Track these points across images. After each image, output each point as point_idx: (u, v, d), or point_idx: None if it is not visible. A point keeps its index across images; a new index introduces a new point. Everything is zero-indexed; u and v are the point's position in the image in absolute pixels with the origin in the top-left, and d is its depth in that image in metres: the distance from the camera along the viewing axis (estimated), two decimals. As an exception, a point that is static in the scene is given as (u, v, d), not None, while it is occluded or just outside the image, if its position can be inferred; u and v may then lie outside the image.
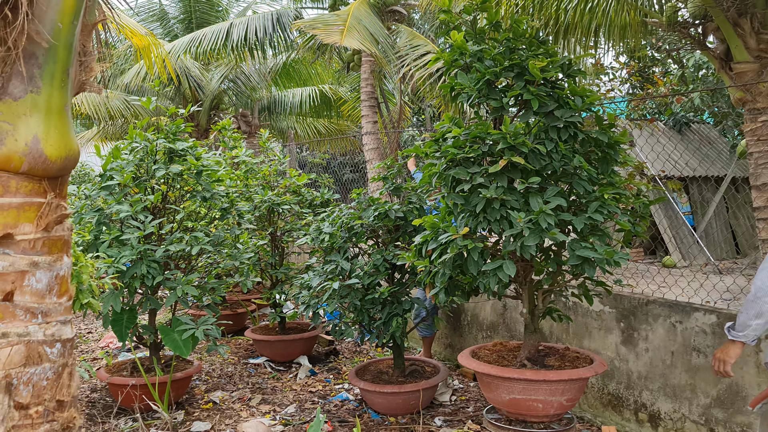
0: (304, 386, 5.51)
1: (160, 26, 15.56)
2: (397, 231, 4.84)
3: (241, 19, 11.62)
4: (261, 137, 6.63)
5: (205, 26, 12.90)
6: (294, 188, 6.32)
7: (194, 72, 14.11)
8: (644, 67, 12.38)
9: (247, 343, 6.88)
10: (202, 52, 11.42)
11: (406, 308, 4.58)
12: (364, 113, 10.89)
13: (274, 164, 6.43)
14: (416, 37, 10.14)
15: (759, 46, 4.87)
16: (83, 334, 7.48)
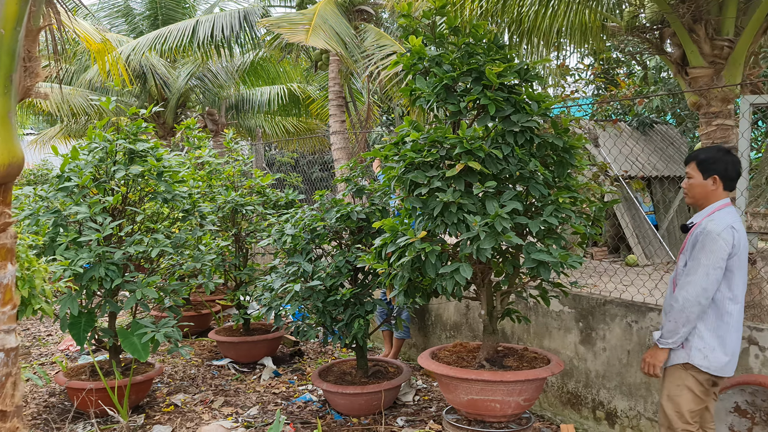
0: (267, 387, 5.49)
1: (125, 22, 15.32)
2: (360, 232, 4.86)
3: (207, 17, 11.50)
4: (226, 137, 6.58)
5: (171, 23, 12.74)
6: (258, 189, 6.29)
7: (160, 69, 13.93)
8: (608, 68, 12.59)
9: (211, 345, 6.83)
10: (168, 49, 11.26)
11: (368, 309, 4.60)
12: (332, 112, 10.87)
13: (239, 164, 6.39)
14: (383, 37, 10.15)
15: (713, 52, 4.98)
16: (42, 337, 7.35)
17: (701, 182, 3.08)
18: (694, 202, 3.16)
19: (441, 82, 3.47)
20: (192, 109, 15.44)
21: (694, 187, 3.11)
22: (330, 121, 11.00)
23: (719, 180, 3.06)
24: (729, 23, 4.89)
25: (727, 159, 3.08)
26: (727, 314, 3.01)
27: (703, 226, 3.00)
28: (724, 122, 5.03)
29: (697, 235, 3.01)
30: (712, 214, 3.04)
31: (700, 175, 3.07)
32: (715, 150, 3.12)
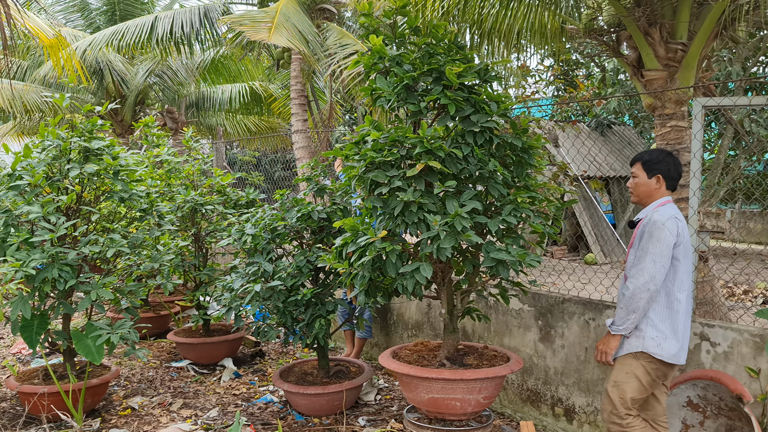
0: (228, 389, 5.43)
1: (81, 17, 14.97)
2: (321, 232, 4.84)
3: (166, 13, 11.30)
4: (185, 135, 6.48)
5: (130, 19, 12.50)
6: (219, 188, 6.21)
7: (118, 66, 13.66)
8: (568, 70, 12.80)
9: (170, 346, 6.72)
10: (126, 46, 11.03)
11: (329, 309, 4.58)
12: (294, 111, 10.80)
13: (198, 163, 6.30)
14: (345, 36, 10.13)
15: (667, 55, 5.11)
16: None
17: (646, 181, 3.26)
18: (639, 200, 3.33)
19: (401, 82, 3.47)
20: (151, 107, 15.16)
21: (639, 186, 3.28)
22: (292, 119, 10.93)
23: (662, 179, 3.23)
24: (683, 27, 5.02)
25: (669, 160, 3.26)
26: (677, 302, 3.14)
27: (648, 218, 3.17)
28: (677, 124, 5.16)
29: (643, 227, 3.16)
30: (656, 209, 3.20)
31: (645, 175, 3.25)
32: (658, 152, 3.30)
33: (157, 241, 5.26)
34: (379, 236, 3.34)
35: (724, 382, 3.37)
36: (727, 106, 4.01)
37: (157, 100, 15.37)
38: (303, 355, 6.39)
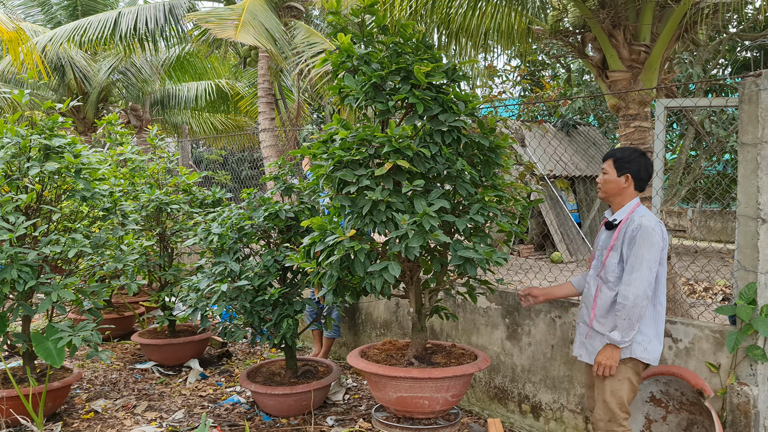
0: (194, 390, 5.36)
1: (41, 12, 14.63)
2: (288, 231, 4.80)
3: (130, 9, 11.10)
4: (150, 133, 6.37)
5: (92, 14, 12.26)
6: (184, 187, 6.12)
7: (80, 62, 13.38)
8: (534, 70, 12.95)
9: (135, 348, 6.61)
10: (88, 41, 10.81)
11: (297, 309, 4.55)
12: (261, 110, 10.73)
13: (163, 162, 6.20)
14: (313, 35, 10.08)
15: (631, 57, 5.20)
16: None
17: (615, 179, 3.24)
18: (607, 197, 3.32)
19: (369, 81, 3.46)
20: (114, 104, 14.89)
21: (608, 183, 3.27)
22: (259, 118, 10.85)
23: (631, 179, 3.22)
24: (645, 29, 5.11)
25: (641, 160, 3.25)
26: (660, 305, 3.20)
27: (637, 223, 3.13)
28: (641, 124, 5.25)
29: (632, 231, 3.12)
30: (634, 211, 3.20)
31: (615, 172, 3.24)
32: (631, 150, 3.29)
33: (120, 241, 5.17)
34: (347, 235, 3.33)
35: (686, 377, 3.44)
36: (689, 107, 4.09)
37: (120, 98, 15.10)
38: (270, 355, 6.35)
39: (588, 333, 3.35)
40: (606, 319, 3.25)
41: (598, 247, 3.39)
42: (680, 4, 4.84)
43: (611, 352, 3.14)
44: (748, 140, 3.34)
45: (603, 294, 3.26)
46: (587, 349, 3.36)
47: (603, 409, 3.23)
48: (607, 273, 3.24)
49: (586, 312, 3.38)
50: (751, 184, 3.33)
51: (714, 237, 17.92)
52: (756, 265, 3.32)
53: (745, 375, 3.35)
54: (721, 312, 3.38)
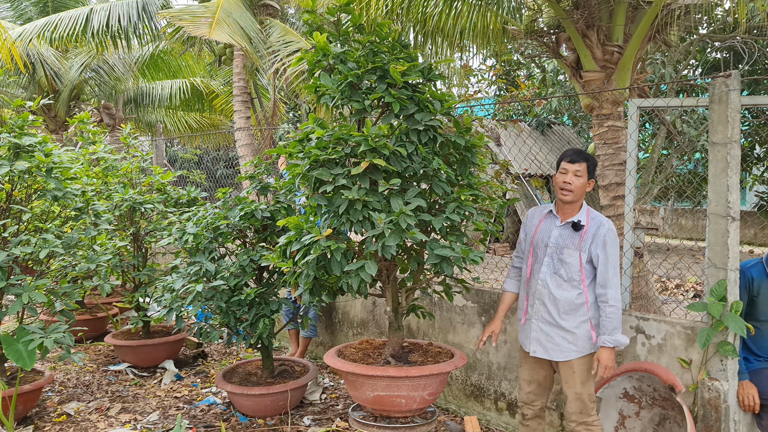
0: (169, 392, 5.30)
1: (10, 8, 14.35)
2: (264, 231, 4.77)
3: (102, 5, 10.94)
4: (123, 131, 6.29)
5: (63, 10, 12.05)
6: (158, 186, 6.06)
7: (51, 60, 13.15)
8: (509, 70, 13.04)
9: (108, 349, 6.52)
10: (59, 38, 10.63)
11: (273, 309, 4.53)
12: (237, 108, 10.66)
13: (137, 161, 6.12)
14: (289, 33, 10.04)
15: (604, 57, 5.26)
16: None
17: (586, 183, 3.34)
18: (573, 199, 3.34)
19: (346, 80, 3.45)
20: (87, 103, 14.67)
21: (582, 186, 3.33)
22: (235, 117, 10.78)
23: (593, 184, 3.41)
24: (618, 30, 5.18)
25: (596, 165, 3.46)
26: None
27: (606, 225, 3.29)
28: (614, 124, 5.32)
29: (604, 234, 3.27)
30: (590, 212, 3.38)
31: (587, 176, 3.34)
32: (593, 156, 3.44)
33: (93, 242, 5.10)
34: (323, 235, 3.32)
35: (658, 373, 3.50)
36: (661, 107, 4.15)
37: (93, 96, 14.87)
38: (247, 355, 6.31)
39: (552, 331, 3.38)
40: (570, 315, 3.32)
41: (550, 244, 3.39)
42: (652, 6, 4.91)
43: (612, 354, 3.25)
44: (718, 140, 3.40)
45: (566, 292, 3.33)
46: (545, 346, 3.40)
47: (576, 403, 3.34)
48: (570, 272, 3.31)
49: (545, 309, 3.39)
50: (721, 183, 3.39)
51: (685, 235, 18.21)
52: (726, 262, 3.38)
53: (716, 370, 3.41)
54: (692, 309, 3.43)
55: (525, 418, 3.63)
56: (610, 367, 3.23)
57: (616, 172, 5.29)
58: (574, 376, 3.35)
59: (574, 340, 3.32)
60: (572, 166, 3.33)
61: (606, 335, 3.24)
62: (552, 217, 3.46)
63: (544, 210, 3.54)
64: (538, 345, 3.43)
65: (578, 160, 3.33)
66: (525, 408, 3.62)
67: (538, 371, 3.56)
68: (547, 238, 3.41)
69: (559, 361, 3.38)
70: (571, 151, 3.41)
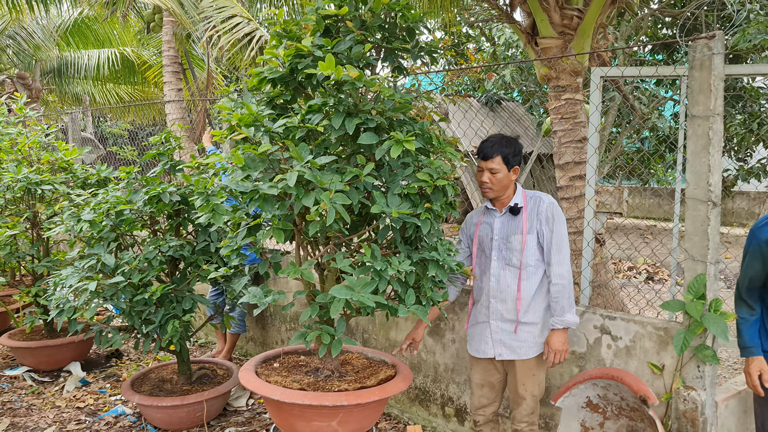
0: (71, 401, 4.62)
1: None
2: (177, 216, 4.11)
3: (14, -37, 9.86)
4: (18, 102, 5.47)
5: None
6: (62, 164, 5.28)
7: (-41, 25, 11.98)
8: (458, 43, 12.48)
9: (7, 351, 5.75)
10: (-36, -1, 9.55)
11: (186, 308, 3.89)
12: (167, 80, 9.82)
13: (35, 134, 5.33)
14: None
15: (563, 22, 4.74)
16: None
17: (507, 174, 3.07)
18: (496, 195, 3.11)
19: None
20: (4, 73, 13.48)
21: (501, 181, 3.06)
22: (165, 89, 9.94)
23: (517, 170, 3.12)
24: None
25: (520, 149, 3.12)
26: None
27: (546, 201, 3.08)
28: (573, 96, 4.83)
29: (547, 209, 3.05)
30: (526, 192, 3.15)
31: (505, 168, 3.05)
32: (513, 142, 3.11)
33: (-26, 229, 4.34)
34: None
35: (627, 382, 3.04)
36: (630, 77, 3.67)
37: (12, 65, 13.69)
38: (165, 357, 5.63)
39: (516, 327, 3.08)
40: (530, 307, 3.06)
41: (494, 237, 3.12)
42: (616, -35, 4.41)
43: (563, 337, 3.04)
44: (699, 112, 2.92)
45: (527, 282, 3.05)
46: (510, 346, 3.10)
47: (531, 404, 3.14)
48: (527, 258, 3.03)
49: (506, 307, 3.10)
50: (701, 163, 2.91)
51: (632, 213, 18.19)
52: (705, 254, 2.91)
53: (692, 378, 2.97)
54: (667, 308, 2.97)
55: (476, 424, 3.31)
56: (561, 352, 3.03)
57: (574, 150, 4.82)
58: (533, 377, 3.12)
59: (540, 332, 3.08)
60: (486, 163, 3.06)
61: (555, 316, 3.03)
62: (490, 210, 3.22)
63: (480, 210, 3.28)
64: (502, 347, 3.12)
65: (492, 155, 3.04)
66: (476, 414, 3.31)
67: (492, 373, 3.25)
68: (491, 230, 3.15)
69: (521, 359, 3.10)
70: (486, 144, 3.09)
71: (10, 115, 5.46)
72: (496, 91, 12.52)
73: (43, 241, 5.23)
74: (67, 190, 4.96)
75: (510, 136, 3.14)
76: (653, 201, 17.16)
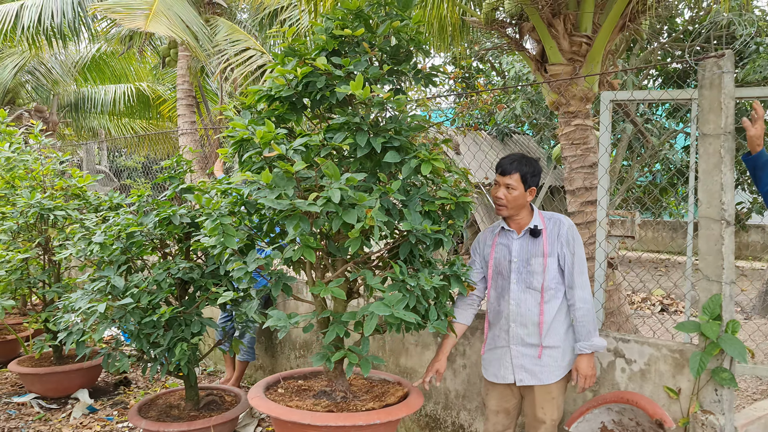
0: (77, 428, 4.57)
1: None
2: (187, 240, 4.12)
3: (34, 1, 10.11)
4: (34, 129, 5.56)
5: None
6: (75, 191, 5.32)
7: (-20, 61, 12.26)
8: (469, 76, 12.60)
9: (16, 377, 5.72)
10: (-14, 36, 9.77)
11: (194, 331, 3.86)
12: (181, 113, 9.98)
13: (50, 162, 5.39)
14: (236, 32, 9.44)
15: (572, 48, 4.78)
16: None
17: (523, 194, 3.04)
18: (509, 213, 3.09)
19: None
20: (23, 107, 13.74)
21: (517, 199, 3.04)
22: (179, 121, 10.08)
23: (534, 192, 3.08)
24: (587, 19, 4.71)
25: (539, 171, 3.10)
26: None
27: (567, 223, 3.04)
28: (582, 122, 4.84)
29: (567, 232, 3.02)
30: (543, 214, 3.11)
31: (522, 187, 3.03)
32: (533, 163, 3.07)
33: (-14, 253, 4.36)
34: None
35: (642, 405, 2.96)
36: (636, 100, 3.68)
37: (31, 100, 13.95)
38: (173, 383, 5.58)
39: (540, 352, 3.02)
40: (552, 330, 3.01)
41: (513, 259, 3.07)
42: (624, -8, 4.45)
43: (591, 361, 2.99)
44: (710, 131, 2.90)
45: (548, 305, 3.00)
46: (531, 371, 3.04)
47: (549, 428, 3.07)
48: (548, 281, 2.98)
49: (526, 331, 3.04)
50: (713, 181, 2.89)
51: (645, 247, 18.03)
52: (720, 274, 2.87)
53: (710, 401, 2.89)
54: (682, 329, 2.91)
55: None
56: (591, 376, 2.98)
57: (585, 176, 4.80)
58: (553, 401, 3.04)
59: (562, 355, 3.02)
60: (504, 178, 3.04)
61: (581, 341, 2.98)
62: (506, 231, 3.14)
63: (495, 229, 3.21)
64: (523, 372, 3.06)
65: (510, 171, 3.02)
66: None
67: (508, 399, 3.20)
68: (509, 253, 3.09)
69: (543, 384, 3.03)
70: (505, 160, 3.08)
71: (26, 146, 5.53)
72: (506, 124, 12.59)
73: (54, 266, 5.25)
74: (80, 216, 4.99)
75: (531, 157, 3.12)
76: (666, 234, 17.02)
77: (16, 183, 5.26)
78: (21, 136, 5.82)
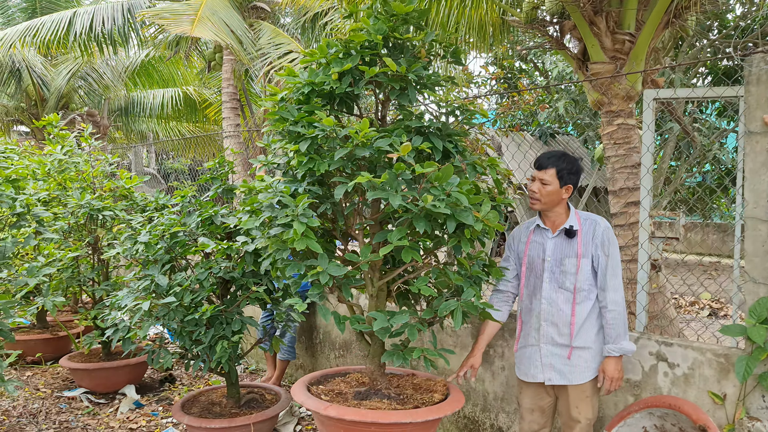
0: (124, 422, 4.69)
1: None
2: (229, 239, 4.20)
3: (86, 8, 10.43)
4: (84, 132, 5.74)
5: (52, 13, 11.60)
6: (122, 192, 5.48)
7: (38, 67, 12.72)
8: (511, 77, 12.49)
9: (67, 373, 5.91)
10: (41, 42, 10.13)
11: (235, 329, 3.93)
12: (225, 115, 10.16)
13: (99, 164, 5.56)
14: (279, 35, 9.57)
15: (614, 46, 4.70)
16: None
17: (558, 189, 3.02)
18: (542, 207, 3.08)
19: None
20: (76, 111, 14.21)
21: (551, 194, 3.03)
22: (223, 123, 10.28)
23: (571, 190, 3.06)
24: (630, 16, 4.62)
25: (578, 168, 3.08)
26: None
27: (603, 224, 3.02)
28: (625, 122, 4.75)
29: (603, 233, 2.98)
30: (579, 214, 3.09)
31: (558, 183, 3.01)
32: (572, 160, 3.06)
33: (38, 251, 4.52)
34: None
35: (686, 411, 2.89)
36: (680, 98, 3.59)
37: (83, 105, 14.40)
38: (216, 381, 5.68)
39: (570, 352, 3.01)
40: (583, 331, 3.00)
41: (547, 258, 3.06)
42: (668, -13, 4.36)
43: (619, 364, 2.97)
44: (757, 128, 2.82)
45: (580, 306, 2.98)
46: (561, 371, 3.04)
47: (585, 428, 3.06)
48: (581, 282, 2.96)
49: (557, 330, 3.04)
50: (761, 180, 2.80)
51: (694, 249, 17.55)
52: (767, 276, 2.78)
53: (757, 408, 2.81)
54: (727, 333, 2.83)
55: None
56: (617, 379, 2.97)
57: (628, 176, 4.71)
58: (587, 400, 3.03)
59: (593, 356, 3.01)
60: (539, 173, 3.03)
61: (610, 344, 2.97)
62: (541, 230, 3.13)
63: (530, 226, 3.20)
64: (552, 371, 3.05)
65: (546, 166, 3.02)
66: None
67: (542, 397, 3.19)
68: (542, 251, 3.08)
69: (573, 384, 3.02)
70: (543, 155, 3.07)
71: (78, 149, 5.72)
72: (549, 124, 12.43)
73: (103, 265, 5.41)
74: (127, 217, 5.13)
75: (570, 155, 3.10)
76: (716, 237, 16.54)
77: (68, 184, 5.44)
78: (73, 139, 6.01)
